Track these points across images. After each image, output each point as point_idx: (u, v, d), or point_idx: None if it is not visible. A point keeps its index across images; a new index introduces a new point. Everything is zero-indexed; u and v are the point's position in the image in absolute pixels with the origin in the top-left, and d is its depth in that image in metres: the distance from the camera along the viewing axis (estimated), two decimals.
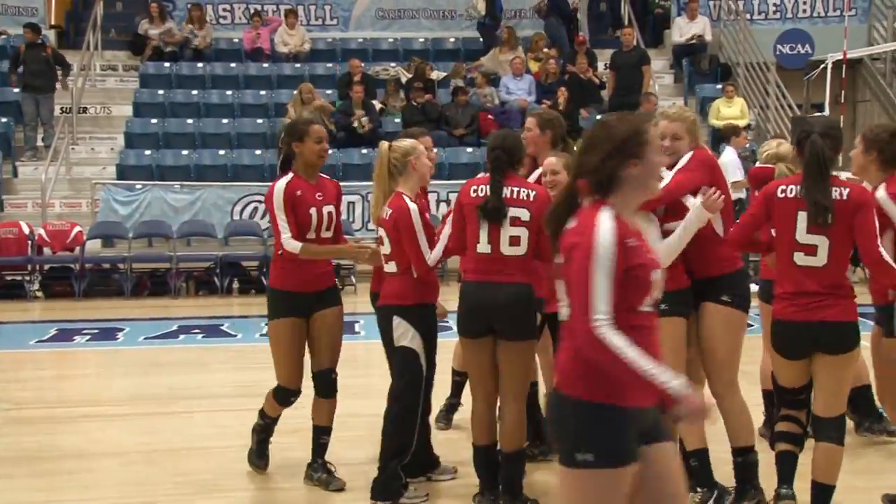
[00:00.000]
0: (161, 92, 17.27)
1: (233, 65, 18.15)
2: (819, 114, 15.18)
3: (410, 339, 5.32)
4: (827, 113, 15.25)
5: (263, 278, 13.56)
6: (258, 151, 15.96)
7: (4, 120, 16.16)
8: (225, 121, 16.79)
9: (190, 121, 16.73)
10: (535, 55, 17.71)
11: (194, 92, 17.39)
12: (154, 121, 16.62)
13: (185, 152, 15.90)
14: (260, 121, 16.81)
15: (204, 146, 16.18)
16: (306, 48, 18.35)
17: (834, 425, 4.83)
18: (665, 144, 5.02)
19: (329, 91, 16.94)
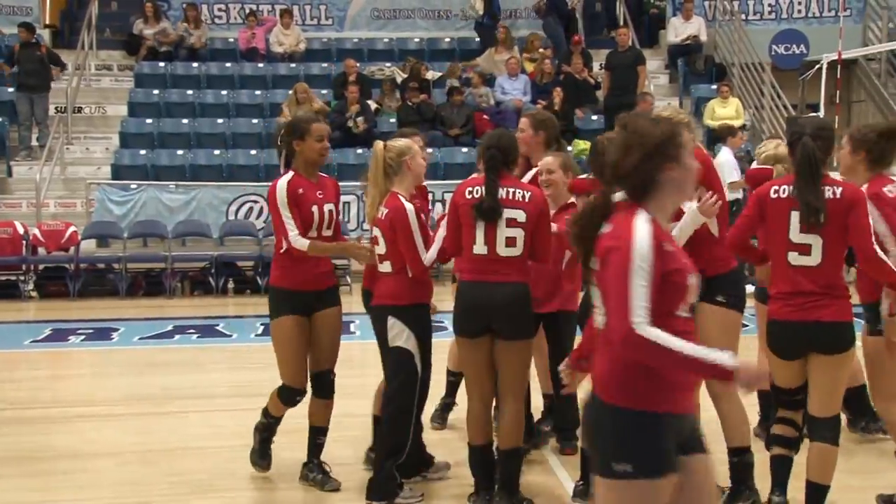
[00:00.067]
0: (156, 92, 17.24)
1: (228, 64, 18.13)
2: (812, 114, 15.18)
3: (405, 339, 5.31)
4: (822, 113, 15.26)
5: (259, 278, 13.57)
6: (253, 151, 15.94)
7: None
8: (220, 121, 16.77)
9: (185, 121, 16.71)
10: (530, 55, 17.72)
11: (189, 92, 17.37)
12: (149, 120, 16.60)
13: (180, 152, 15.88)
14: (255, 121, 16.80)
15: (199, 146, 16.16)
16: (301, 48, 18.34)
17: (829, 425, 4.83)
18: None
19: (324, 91, 16.92)
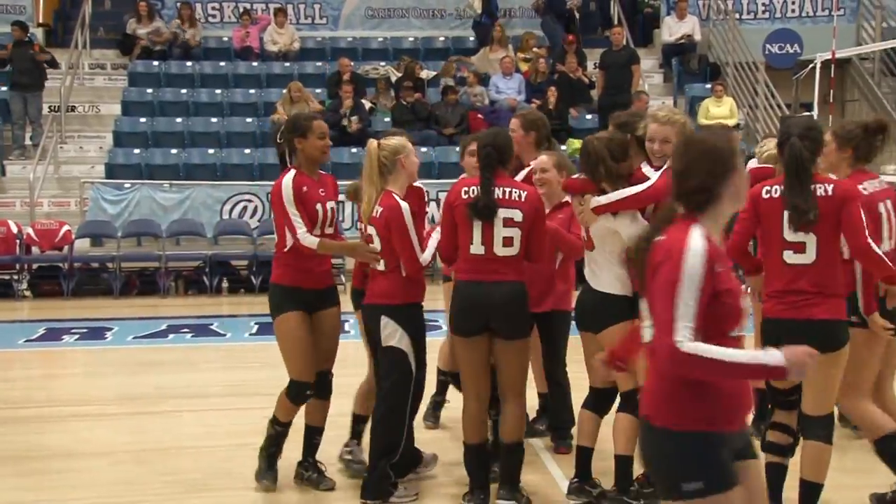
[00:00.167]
0: (150, 90, 17.21)
1: (222, 63, 18.10)
2: (805, 114, 15.20)
3: (398, 339, 5.29)
4: (816, 112, 15.27)
5: (253, 277, 13.56)
6: (247, 150, 15.92)
7: None
8: (214, 119, 16.74)
9: (179, 119, 16.69)
10: (525, 55, 17.72)
11: (183, 91, 17.34)
12: (143, 119, 16.57)
13: (174, 151, 15.85)
14: (249, 120, 16.77)
15: (193, 145, 16.13)
16: (296, 47, 18.31)
17: (822, 424, 4.83)
18: (654, 148, 5.02)
19: (318, 90, 16.90)
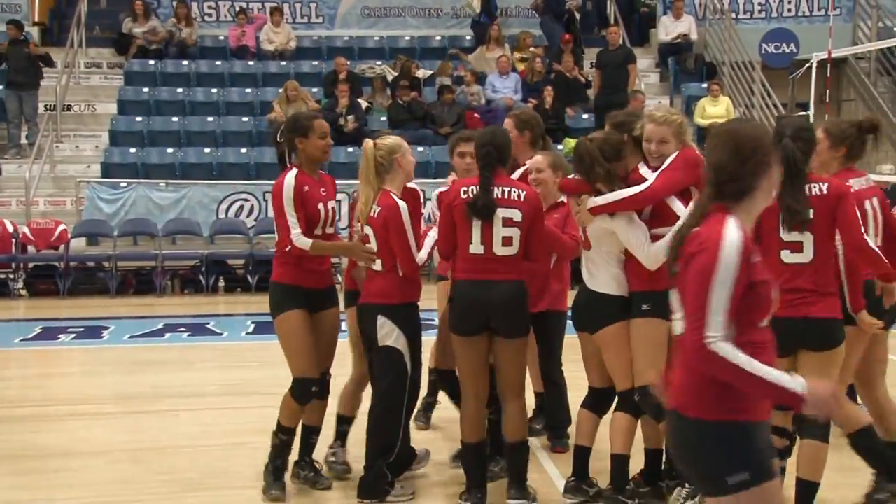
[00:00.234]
0: (146, 89, 17.20)
1: (218, 62, 18.10)
2: (801, 113, 15.21)
3: (395, 338, 5.28)
4: (812, 112, 15.29)
5: (249, 276, 13.56)
6: (244, 149, 15.91)
7: None
8: (210, 119, 16.74)
9: (175, 119, 16.68)
10: (521, 54, 17.72)
11: (179, 90, 17.33)
12: (139, 118, 16.57)
13: (170, 150, 15.84)
14: (245, 119, 16.77)
15: (189, 144, 16.12)
16: (292, 46, 18.31)
17: (819, 423, 4.83)
18: (651, 148, 5.02)
19: (315, 89, 16.90)
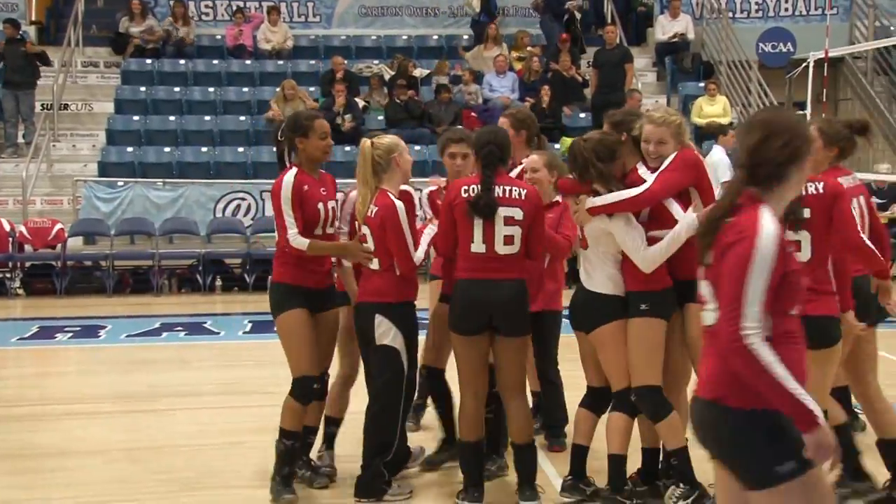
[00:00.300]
0: (143, 88, 17.19)
1: (215, 61, 18.08)
2: (798, 112, 15.20)
3: (392, 337, 5.28)
4: (809, 111, 15.29)
5: (246, 276, 13.55)
6: (241, 148, 15.90)
7: None
8: (207, 118, 16.73)
9: (172, 118, 16.66)
10: (519, 53, 17.72)
11: (176, 89, 17.31)
12: (136, 117, 16.55)
13: (167, 149, 15.83)
14: (242, 118, 16.76)
15: (186, 143, 16.11)
16: (289, 45, 18.30)
17: None
18: (650, 149, 5.02)
19: (312, 88, 16.89)
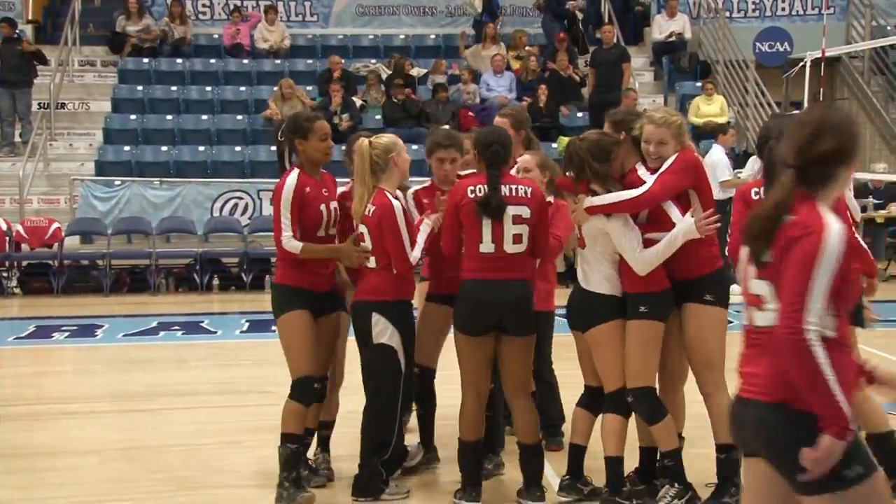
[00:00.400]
0: (140, 88, 17.19)
1: (212, 61, 18.08)
2: (795, 112, 15.22)
3: (389, 336, 5.28)
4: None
5: (244, 275, 13.55)
6: (238, 148, 15.91)
7: None
8: (204, 117, 16.72)
9: (169, 117, 16.66)
10: (516, 52, 17.72)
11: (173, 88, 17.32)
12: (133, 117, 16.54)
13: (164, 148, 15.83)
14: (240, 117, 16.76)
15: (183, 142, 16.11)
16: (286, 44, 18.30)
17: None
18: (650, 150, 5.02)
19: (309, 87, 16.89)
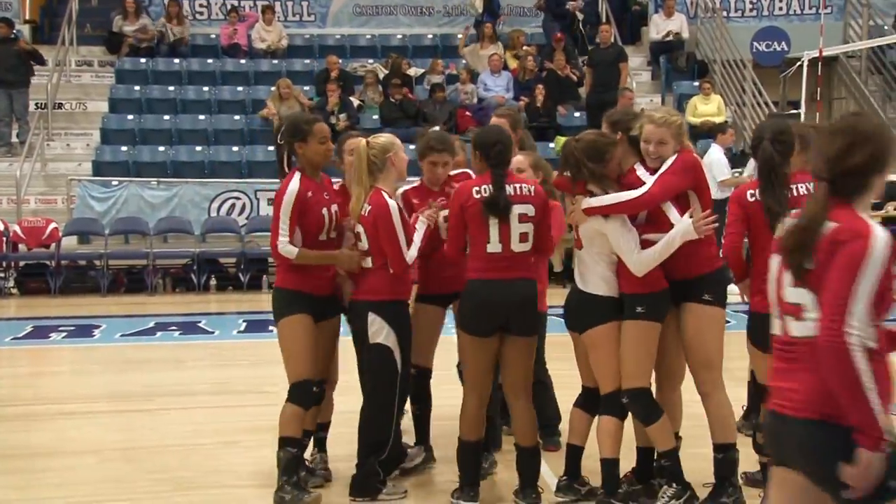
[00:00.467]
0: (137, 88, 17.17)
1: (209, 61, 18.07)
2: (792, 111, 15.25)
3: (385, 335, 5.28)
4: (803, 110, 15.32)
5: (241, 275, 13.54)
6: (235, 148, 15.90)
7: None
8: (202, 117, 16.71)
9: (167, 117, 16.65)
10: (514, 52, 17.72)
11: (171, 88, 17.31)
12: (130, 117, 16.53)
13: (161, 148, 15.82)
14: (237, 117, 16.75)
15: (181, 142, 16.10)
16: (283, 44, 18.29)
17: None
18: (650, 149, 5.02)
19: (306, 87, 16.89)
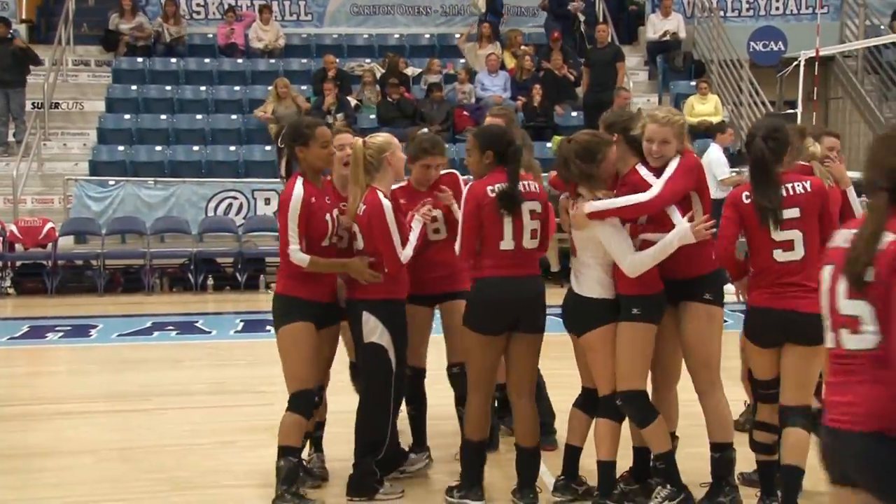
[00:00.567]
0: (134, 87, 17.15)
1: (206, 60, 18.06)
2: (789, 111, 15.27)
3: (379, 335, 5.28)
4: (800, 110, 15.34)
5: (238, 275, 13.53)
6: (232, 147, 15.89)
7: None
8: (199, 116, 16.69)
9: (163, 116, 16.63)
10: (514, 50, 17.73)
11: (168, 87, 17.29)
12: (127, 116, 16.51)
13: (158, 148, 15.80)
14: (234, 116, 16.73)
15: (178, 142, 16.08)
16: (281, 44, 18.28)
17: (802, 412, 4.88)
18: (653, 149, 5.02)
19: (304, 87, 16.88)
